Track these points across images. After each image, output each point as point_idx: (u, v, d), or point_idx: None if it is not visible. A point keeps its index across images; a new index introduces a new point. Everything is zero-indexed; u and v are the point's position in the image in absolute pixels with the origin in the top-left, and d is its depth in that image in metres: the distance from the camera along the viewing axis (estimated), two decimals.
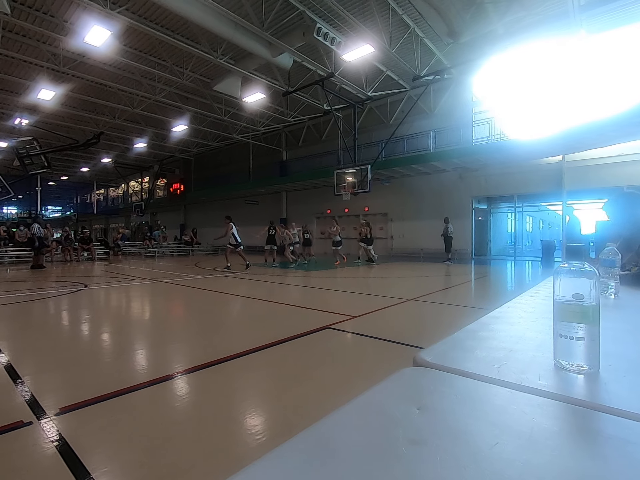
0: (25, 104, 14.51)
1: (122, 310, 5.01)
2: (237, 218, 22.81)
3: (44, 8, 9.36)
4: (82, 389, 2.18)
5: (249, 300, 5.33)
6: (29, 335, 3.62)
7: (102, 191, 36.64)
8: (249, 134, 19.15)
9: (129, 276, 8.88)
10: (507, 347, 0.71)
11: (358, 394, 0.53)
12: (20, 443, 1.61)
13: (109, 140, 19.57)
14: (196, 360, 2.67)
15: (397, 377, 0.53)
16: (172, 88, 13.89)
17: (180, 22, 9.83)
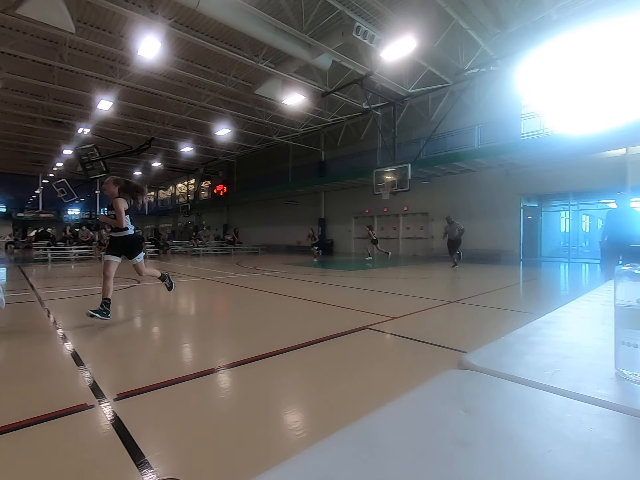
0: (86, 114, 15.86)
1: (171, 306, 5.31)
2: (277, 218, 23.43)
3: (103, 25, 10.17)
4: (136, 377, 2.35)
5: (288, 298, 5.44)
6: (89, 326, 3.95)
7: (152, 193, 39.03)
8: (289, 135, 19.48)
9: (177, 273, 9.39)
10: (560, 353, 0.67)
11: (399, 394, 0.53)
12: (84, 423, 1.77)
13: (158, 146, 20.80)
14: (238, 355, 2.77)
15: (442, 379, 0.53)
16: (216, 94, 14.48)
17: (223, 30, 10.23)
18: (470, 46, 10.95)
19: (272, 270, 10.04)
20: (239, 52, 10.93)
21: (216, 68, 12.38)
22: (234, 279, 8.02)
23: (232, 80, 13.02)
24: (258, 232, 24.23)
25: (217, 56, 11.61)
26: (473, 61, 11.35)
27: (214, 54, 11.29)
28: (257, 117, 16.68)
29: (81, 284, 7.50)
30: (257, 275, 8.82)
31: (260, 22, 9.22)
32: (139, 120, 17.34)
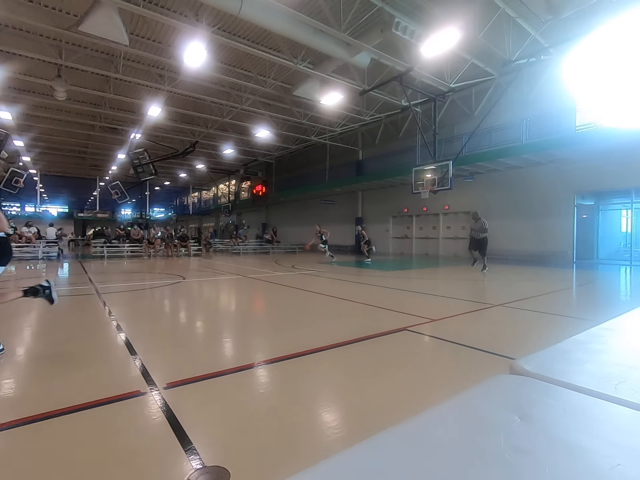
0: (138, 120, 16.94)
1: (214, 302, 5.55)
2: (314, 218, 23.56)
3: (153, 36, 10.80)
4: (183, 368, 2.48)
5: (325, 297, 5.46)
6: (141, 318, 4.23)
7: (196, 194, 40.90)
8: (326, 135, 19.55)
9: (218, 271, 9.78)
10: (625, 363, 0.62)
11: (442, 397, 0.52)
12: (137, 408, 1.90)
13: (202, 148, 21.73)
14: (278, 352, 2.83)
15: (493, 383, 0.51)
16: (256, 96, 14.86)
17: (263, 34, 10.47)
18: (518, 35, 10.35)
19: (309, 269, 10.14)
20: (278, 55, 11.13)
21: (256, 71, 12.71)
22: (273, 277, 8.20)
23: (271, 83, 13.30)
24: (295, 231, 24.55)
25: (257, 60, 11.91)
26: (521, 51, 10.71)
27: (254, 57, 11.59)
28: (296, 117, 16.91)
29: (132, 279, 8.05)
30: (295, 274, 8.95)
31: (299, 24, 9.34)
32: (184, 125, 18.24)
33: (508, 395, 0.48)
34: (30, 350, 3.00)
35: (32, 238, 14.18)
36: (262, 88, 13.39)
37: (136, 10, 8.45)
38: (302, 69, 11.60)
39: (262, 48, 11.01)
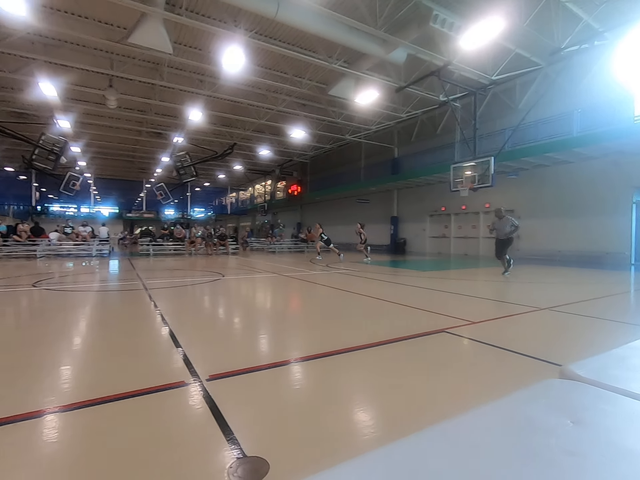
0: (180, 124, 17.77)
1: (252, 299, 5.71)
2: (348, 217, 23.51)
3: (194, 44, 11.29)
4: (224, 362, 2.58)
5: (360, 296, 5.44)
6: (184, 313, 4.45)
7: (234, 194, 42.21)
8: (361, 133, 19.43)
9: (255, 269, 10.04)
10: None
11: (481, 401, 0.51)
12: (181, 398, 2.01)
13: (239, 150, 22.39)
14: (313, 349, 2.87)
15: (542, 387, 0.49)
16: (291, 97, 15.07)
17: (299, 35, 10.59)
18: (568, 21, 9.70)
19: (343, 268, 10.14)
20: (314, 55, 11.22)
21: (292, 73, 12.88)
22: (308, 275, 8.29)
23: (306, 84, 13.43)
24: (330, 230, 24.50)
25: (293, 61, 12.08)
26: (572, 38, 10.02)
27: (290, 59, 11.77)
28: (330, 117, 16.95)
29: (175, 275, 8.48)
30: (330, 273, 8.98)
31: (335, 23, 9.35)
32: (223, 128, 18.89)
33: (559, 400, 0.47)
34: (86, 340, 3.26)
35: (87, 237, 15.33)
36: (298, 89, 13.56)
37: (179, 19, 8.88)
38: (337, 68, 11.61)
39: (298, 49, 11.15)
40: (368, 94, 13.05)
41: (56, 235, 15.05)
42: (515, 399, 0.47)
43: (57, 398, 1.99)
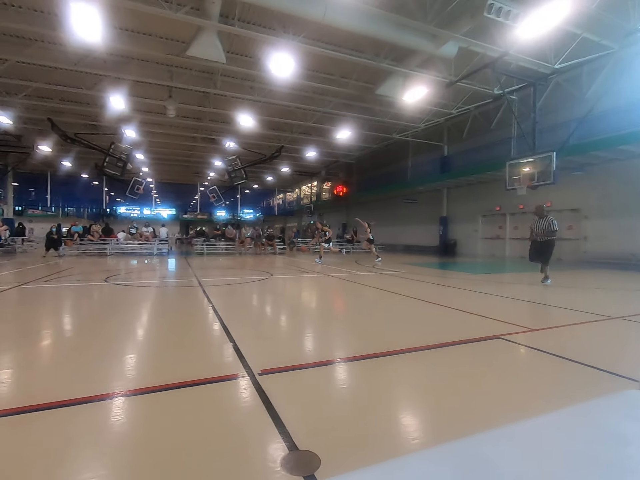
0: (232, 130, 18.60)
1: (300, 298, 5.83)
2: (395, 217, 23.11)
3: (245, 52, 11.76)
4: (274, 358, 2.67)
5: (407, 299, 5.33)
6: (237, 309, 4.67)
7: (281, 196, 43.28)
8: (409, 132, 18.97)
9: (302, 269, 10.22)
10: None
11: (541, 412, 0.49)
12: (235, 390, 2.11)
13: (287, 152, 22.89)
14: (362, 350, 2.87)
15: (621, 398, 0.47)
16: (338, 99, 15.13)
17: (345, 36, 10.59)
18: None
19: (390, 269, 9.97)
20: (361, 55, 11.18)
21: (339, 74, 12.94)
22: (353, 276, 8.27)
23: (353, 84, 13.41)
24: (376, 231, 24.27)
25: (339, 62, 12.12)
26: None
27: (337, 60, 11.81)
28: (377, 116, 16.75)
29: (227, 274, 8.90)
30: (376, 274, 8.89)
31: (382, 22, 9.24)
32: (271, 131, 19.45)
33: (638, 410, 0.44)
34: (150, 332, 3.54)
35: (149, 237, 16.62)
36: (344, 90, 13.59)
37: (232, 30, 9.31)
38: (384, 67, 11.46)
39: (345, 50, 11.16)
40: (416, 91, 12.71)
41: (123, 235, 16.50)
42: (590, 407, 0.45)
43: (125, 383, 2.19)
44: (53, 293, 5.78)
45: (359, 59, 11.13)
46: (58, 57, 11.34)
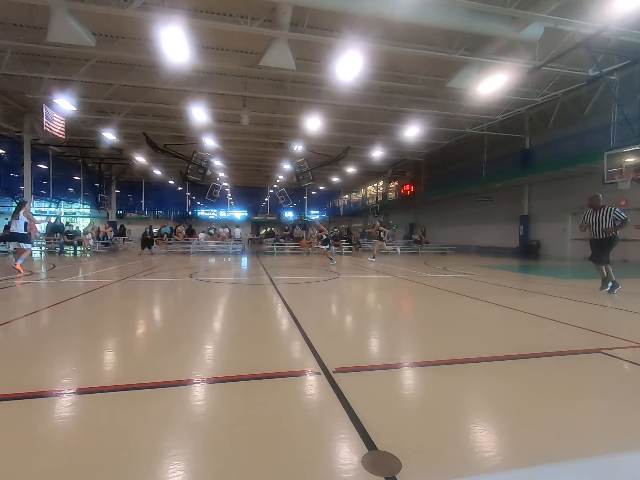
0: (299, 133, 19.20)
1: (369, 299, 5.81)
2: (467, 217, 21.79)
3: (312, 57, 12.05)
4: (347, 357, 2.71)
5: (487, 304, 4.98)
6: (309, 307, 4.82)
7: (346, 196, 43.46)
8: (483, 125, 17.71)
9: (369, 269, 10.16)
10: None
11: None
12: (313, 385, 2.18)
13: (352, 153, 22.94)
14: (431, 355, 2.77)
15: None
16: (406, 95, 14.73)
17: (414, 30, 10.26)
18: None
19: (463, 272, 9.41)
20: (432, 48, 10.74)
21: (407, 70, 12.59)
22: (423, 278, 7.98)
23: (422, 79, 12.95)
24: (446, 231, 23.16)
25: (408, 58, 11.79)
26: None
27: (405, 56, 11.51)
28: (448, 111, 15.94)
29: (297, 272, 9.21)
30: (447, 277, 8.46)
31: (454, 10, 8.77)
32: (337, 133, 19.65)
33: None
34: (228, 325, 3.83)
35: (226, 237, 17.94)
36: (413, 86, 13.19)
37: (302, 37, 9.62)
38: (457, 58, 10.86)
39: (414, 45, 10.83)
40: (493, 80, 11.81)
41: (203, 236, 18.06)
42: None
43: (206, 371, 2.40)
44: (148, 287, 6.56)
45: (430, 52, 10.70)
46: (152, 78, 12.85)
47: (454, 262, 13.34)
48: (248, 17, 9.15)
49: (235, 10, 9.09)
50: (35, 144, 18.48)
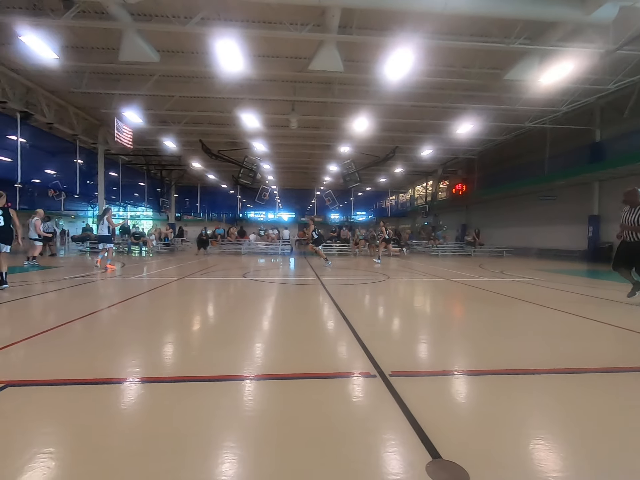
0: (346, 135, 19.18)
1: (421, 302, 5.65)
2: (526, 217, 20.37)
3: (360, 57, 11.97)
4: (403, 360, 2.65)
5: (555, 312, 4.60)
6: (359, 309, 4.80)
7: (393, 197, 42.61)
8: (546, 117, 16.39)
9: (419, 272, 9.87)
10: None
11: None
12: (369, 387, 2.17)
13: (401, 153, 22.42)
14: (493, 364, 2.62)
15: None
16: (458, 91, 14.11)
17: (468, 23, 9.79)
18: None
19: (523, 276, 8.79)
20: (487, 40, 10.18)
21: (460, 64, 12.05)
22: (478, 282, 7.57)
23: (476, 73, 12.31)
24: (501, 232, 21.78)
25: (460, 52, 11.28)
26: None
27: (458, 50, 11.02)
28: (505, 105, 14.98)
29: (345, 274, 9.20)
30: (505, 281, 7.95)
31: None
32: (385, 132, 19.33)
33: None
34: (279, 323, 3.92)
35: (275, 238, 18.45)
36: (466, 80, 12.60)
37: (350, 39, 9.62)
38: (517, 48, 10.18)
39: (468, 38, 10.34)
40: (558, 69, 10.89)
41: (254, 237, 18.74)
42: None
43: (260, 368, 2.48)
44: (205, 285, 6.95)
45: (485, 44, 10.15)
46: (208, 88, 13.61)
47: (511, 265, 12.52)
48: (298, 23, 9.34)
49: (286, 18, 9.33)
50: (107, 153, 20.44)
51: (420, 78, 12.50)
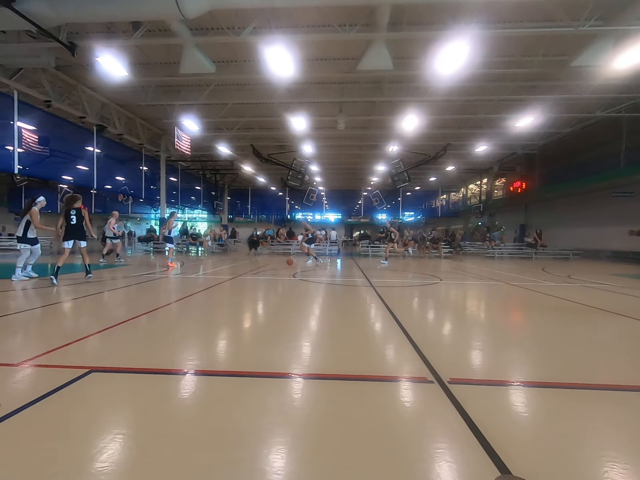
0: (395, 134, 18.80)
1: (479, 306, 5.37)
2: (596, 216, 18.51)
3: (410, 54, 11.65)
4: (461, 367, 2.54)
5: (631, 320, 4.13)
6: (411, 312, 4.68)
7: (444, 196, 40.96)
8: (620, 106, 14.76)
9: (473, 275, 9.38)
10: None
11: None
12: (427, 394, 2.11)
13: (452, 150, 21.48)
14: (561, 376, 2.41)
15: None
16: (517, 82, 13.22)
17: (530, 8, 9.13)
18: None
19: (595, 281, 7.99)
20: (551, 25, 9.42)
21: (519, 53, 11.26)
22: (542, 287, 7.01)
23: (538, 61, 11.44)
24: (567, 233, 20.00)
25: (519, 40, 10.55)
26: None
27: (518, 38, 10.32)
28: (571, 94, 13.74)
29: (395, 276, 9.02)
30: (574, 286, 7.28)
31: None
32: (435, 130, 18.65)
33: None
34: (331, 324, 3.94)
35: (322, 239, 18.61)
36: (526, 70, 11.76)
37: (401, 36, 9.43)
38: (587, 31, 9.29)
39: (529, 24, 9.65)
40: (636, 51, 9.75)
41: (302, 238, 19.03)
42: None
43: (312, 367, 2.50)
44: (257, 284, 7.20)
45: (549, 29, 9.40)
46: (259, 94, 14.12)
47: (580, 269, 11.44)
48: (346, 24, 9.35)
49: (335, 20, 9.38)
50: (168, 160, 22.03)
51: (474, 71, 11.89)
